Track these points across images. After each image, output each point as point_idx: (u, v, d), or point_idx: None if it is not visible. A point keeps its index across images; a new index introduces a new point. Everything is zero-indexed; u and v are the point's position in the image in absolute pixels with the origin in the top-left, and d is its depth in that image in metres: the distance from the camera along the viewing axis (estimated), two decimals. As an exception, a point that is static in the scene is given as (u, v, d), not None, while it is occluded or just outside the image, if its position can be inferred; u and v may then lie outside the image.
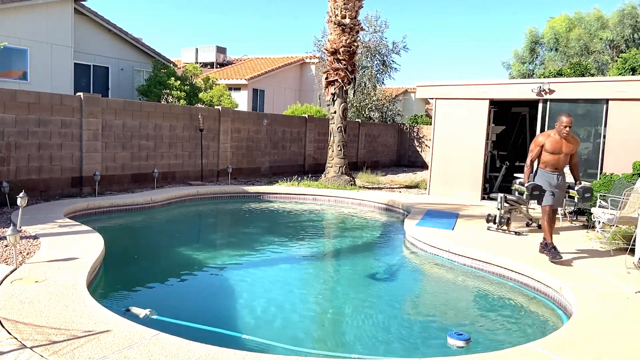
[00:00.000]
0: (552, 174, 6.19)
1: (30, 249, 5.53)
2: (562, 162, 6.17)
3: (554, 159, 6.14)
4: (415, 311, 5.20)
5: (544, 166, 6.26)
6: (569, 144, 6.11)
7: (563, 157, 6.15)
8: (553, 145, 6.10)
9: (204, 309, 4.94)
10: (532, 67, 28.62)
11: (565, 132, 6.03)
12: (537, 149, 6.21)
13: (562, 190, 6.28)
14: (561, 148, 6.10)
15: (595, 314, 4.32)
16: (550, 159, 6.16)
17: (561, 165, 6.19)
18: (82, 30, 17.00)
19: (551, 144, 6.11)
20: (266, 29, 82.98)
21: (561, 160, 6.15)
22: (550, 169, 6.19)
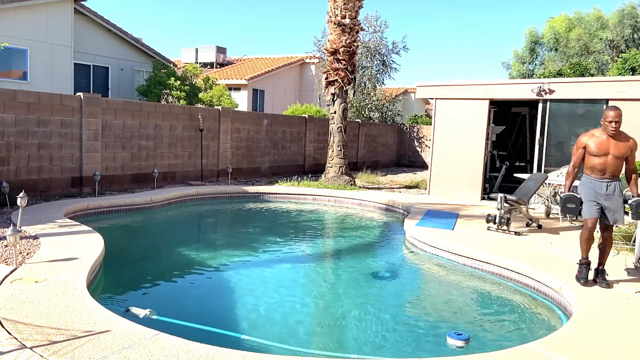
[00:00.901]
0: (599, 181, 5.16)
1: (30, 249, 5.52)
2: (612, 167, 5.13)
3: (601, 162, 5.14)
4: (415, 311, 5.20)
5: (589, 172, 5.27)
6: (619, 143, 5.11)
7: (612, 160, 5.12)
8: (598, 146, 5.15)
9: (203, 309, 4.94)
10: (532, 67, 28.64)
11: (611, 128, 5.08)
12: (579, 152, 5.28)
13: (616, 200, 5.13)
14: (608, 149, 5.13)
15: (595, 314, 4.32)
16: (596, 163, 5.17)
17: (612, 170, 5.15)
18: (82, 30, 17.00)
19: (595, 144, 5.16)
20: (266, 29, 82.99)
21: (610, 163, 5.12)
22: (597, 175, 5.18)
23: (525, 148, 14.02)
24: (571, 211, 5.20)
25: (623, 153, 5.12)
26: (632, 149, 5.12)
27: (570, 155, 10.55)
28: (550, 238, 7.43)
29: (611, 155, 5.13)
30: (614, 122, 5.09)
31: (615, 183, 5.18)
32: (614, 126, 5.10)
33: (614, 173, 5.16)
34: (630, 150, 5.12)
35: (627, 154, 5.13)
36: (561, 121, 10.65)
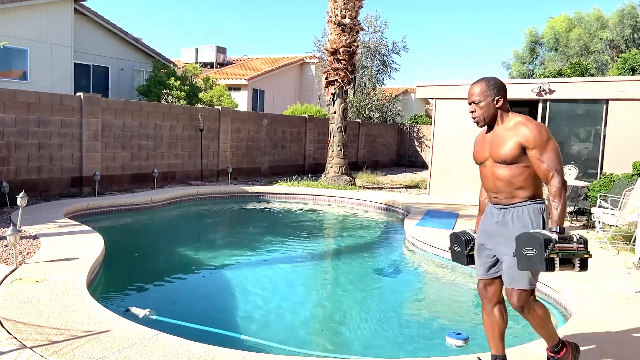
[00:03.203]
0: (492, 208, 3.10)
1: (30, 249, 5.52)
2: (492, 182, 3.03)
3: (483, 176, 3.17)
4: (414, 311, 5.20)
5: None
6: (498, 137, 3.00)
7: (491, 171, 3.03)
8: (476, 149, 3.31)
9: (203, 309, 4.93)
10: (532, 67, 28.63)
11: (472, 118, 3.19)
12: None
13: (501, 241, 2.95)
14: (485, 151, 3.13)
15: (595, 314, 4.32)
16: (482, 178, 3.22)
17: (496, 188, 3.00)
18: (82, 30, 17.00)
19: (475, 146, 3.35)
20: (266, 29, 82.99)
21: (490, 176, 3.05)
22: (490, 197, 3.13)
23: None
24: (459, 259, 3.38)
25: (507, 155, 2.89)
26: (523, 144, 2.85)
27: (570, 155, 10.59)
28: (550, 238, 7.42)
29: (490, 162, 3.06)
30: (471, 103, 3.10)
31: (511, 211, 2.94)
32: (471, 113, 3.16)
33: (504, 192, 2.96)
34: (520, 148, 2.86)
35: (518, 156, 2.87)
36: (561, 121, 10.65)
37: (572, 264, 2.74)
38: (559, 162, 2.85)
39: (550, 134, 2.89)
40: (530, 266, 2.72)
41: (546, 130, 2.88)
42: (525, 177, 2.90)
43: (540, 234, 2.71)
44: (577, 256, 2.74)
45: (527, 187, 2.91)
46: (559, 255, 2.69)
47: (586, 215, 8.72)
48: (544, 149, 2.82)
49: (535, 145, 2.83)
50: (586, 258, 2.76)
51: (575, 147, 10.72)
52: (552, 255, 2.68)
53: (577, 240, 2.73)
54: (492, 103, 2.99)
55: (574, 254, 2.73)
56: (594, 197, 8.07)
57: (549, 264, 2.68)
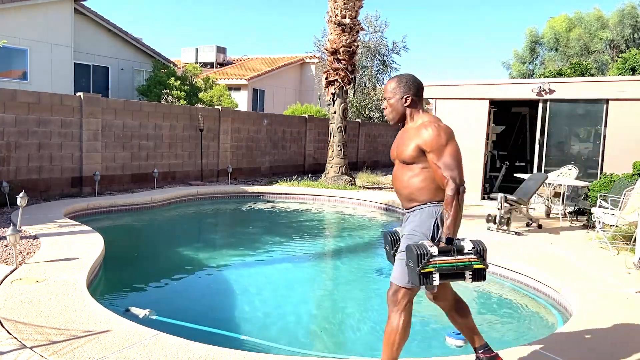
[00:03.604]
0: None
1: (30, 249, 5.52)
2: (396, 182, 2.97)
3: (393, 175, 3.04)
4: (414, 311, 5.18)
5: None
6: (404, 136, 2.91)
7: (397, 170, 2.97)
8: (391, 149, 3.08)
9: (203, 309, 4.93)
10: (532, 67, 28.64)
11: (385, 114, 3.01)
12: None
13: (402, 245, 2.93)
14: (394, 152, 3.02)
15: (595, 314, 4.31)
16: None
17: (398, 188, 2.97)
18: (82, 30, 17.00)
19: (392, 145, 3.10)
20: (266, 29, 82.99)
21: (395, 177, 2.98)
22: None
23: (525, 148, 14.02)
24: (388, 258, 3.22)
25: (406, 156, 2.83)
26: (421, 147, 2.77)
27: (570, 155, 10.60)
28: (550, 238, 7.43)
29: (397, 161, 2.97)
30: (384, 100, 2.99)
31: (409, 214, 2.93)
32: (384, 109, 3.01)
33: (404, 194, 2.92)
34: (418, 150, 2.78)
35: (416, 157, 2.79)
36: (561, 121, 10.65)
37: (462, 275, 2.59)
38: (456, 167, 2.71)
39: (452, 137, 2.77)
40: (411, 278, 2.65)
41: (447, 134, 2.76)
42: (423, 179, 2.81)
43: (418, 247, 2.57)
44: (466, 268, 2.57)
45: (427, 190, 2.80)
46: (437, 269, 2.55)
47: (586, 215, 8.73)
48: (441, 154, 2.72)
49: (432, 149, 2.74)
50: (480, 269, 2.57)
51: (575, 147, 10.72)
52: (427, 270, 2.54)
53: (471, 251, 2.58)
54: (401, 101, 2.91)
55: (455, 266, 2.56)
56: (594, 197, 8.08)
57: (423, 279, 2.55)
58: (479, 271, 2.58)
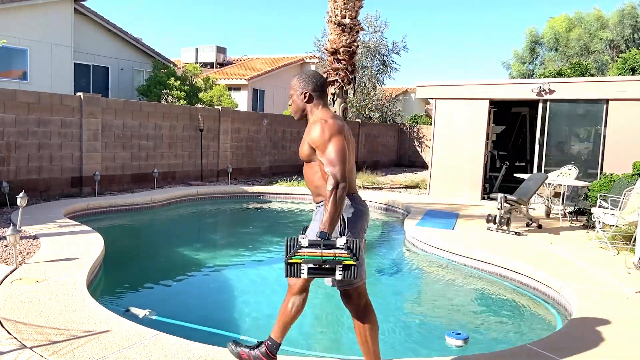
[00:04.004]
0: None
1: (30, 249, 5.52)
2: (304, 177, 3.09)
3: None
4: (414, 311, 5.20)
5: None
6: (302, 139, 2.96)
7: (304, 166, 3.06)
8: None
9: (203, 309, 4.93)
10: (532, 67, 28.65)
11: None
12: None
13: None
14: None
15: (595, 314, 4.31)
16: None
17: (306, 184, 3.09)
18: (82, 30, 17.00)
19: None
20: (266, 29, 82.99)
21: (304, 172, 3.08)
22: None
23: (525, 148, 14.02)
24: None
25: (303, 154, 2.94)
26: (310, 143, 2.84)
27: (570, 155, 10.60)
28: (550, 238, 7.43)
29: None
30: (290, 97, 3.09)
31: (317, 210, 3.03)
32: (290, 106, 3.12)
33: (311, 190, 3.02)
34: (310, 147, 2.86)
35: (310, 154, 2.88)
36: (561, 121, 10.65)
37: (334, 271, 2.55)
38: (338, 163, 2.65)
39: (337, 133, 2.74)
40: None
41: (331, 130, 2.74)
42: (321, 175, 2.82)
43: (290, 239, 2.58)
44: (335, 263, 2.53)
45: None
46: (304, 260, 2.54)
47: (586, 215, 8.73)
48: (324, 150, 2.73)
49: (317, 145, 2.76)
50: (350, 265, 2.52)
51: (575, 147, 10.72)
52: (295, 261, 2.54)
53: (342, 247, 2.54)
54: (300, 97, 2.96)
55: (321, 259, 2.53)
56: (594, 197, 8.08)
57: (290, 269, 2.57)
58: (350, 267, 2.54)
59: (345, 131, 2.82)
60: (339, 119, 2.89)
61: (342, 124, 2.84)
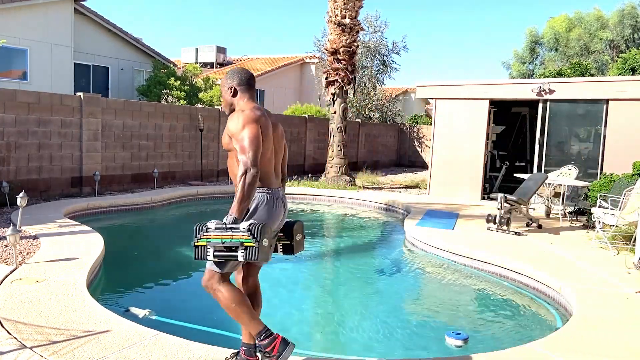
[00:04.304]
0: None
1: (30, 249, 5.52)
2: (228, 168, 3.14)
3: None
4: (414, 311, 5.20)
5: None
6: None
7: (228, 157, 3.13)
8: None
9: (203, 310, 4.93)
10: (532, 67, 28.65)
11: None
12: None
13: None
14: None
15: (595, 314, 4.32)
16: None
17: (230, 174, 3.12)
18: (82, 30, 17.00)
19: None
20: (266, 29, 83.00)
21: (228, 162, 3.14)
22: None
23: (525, 148, 14.02)
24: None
25: (224, 143, 3.02)
26: (228, 133, 2.93)
27: (570, 155, 10.60)
28: (550, 238, 7.43)
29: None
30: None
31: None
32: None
33: (232, 177, 3.06)
34: (228, 137, 2.94)
35: (229, 143, 2.95)
36: (561, 121, 10.65)
37: (235, 252, 2.64)
38: (249, 150, 2.73)
39: (251, 122, 2.81)
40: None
41: (245, 119, 2.82)
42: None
43: (201, 223, 2.71)
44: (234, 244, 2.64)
45: None
46: (208, 243, 2.65)
47: (586, 215, 8.73)
48: (237, 138, 2.81)
49: (232, 134, 2.85)
50: (252, 247, 2.61)
51: (575, 147, 10.72)
52: (200, 244, 2.64)
53: (244, 229, 2.63)
54: (228, 92, 3.07)
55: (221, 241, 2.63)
56: (594, 197, 8.08)
57: (197, 251, 2.68)
58: (251, 249, 2.63)
59: (263, 122, 2.88)
60: (259, 110, 2.95)
61: (259, 115, 2.89)
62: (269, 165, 2.95)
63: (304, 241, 3.23)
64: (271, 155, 2.96)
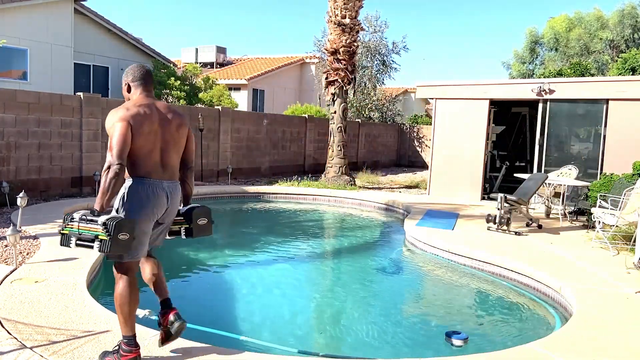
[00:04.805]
0: None
1: (30, 249, 5.52)
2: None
3: None
4: (414, 311, 5.20)
5: None
6: None
7: None
8: None
9: (203, 310, 4.93)
10: (532, 67, 28.65)
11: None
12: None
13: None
14: None
15: (595, 314, 4.32)
16: None
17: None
18: (82, 30, 16.99)
19: None
20: (266, 29, 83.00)
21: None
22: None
23: (525, 148, 14.02)
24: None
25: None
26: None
27: (570, 155, 10.59)
28: (550, 238, 7.43)
29: None
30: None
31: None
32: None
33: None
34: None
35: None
36: (561, 121, 10.65)
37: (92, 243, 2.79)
38: (115, 147, 2.91)
39: (120, 120, 2.93)
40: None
41: (114, 117, 2.96)
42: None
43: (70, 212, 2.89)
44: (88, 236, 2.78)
45: (128, 167, 3.04)
46: (69, 232, 2.82)
47: (586, 215, 8.73)
48: (108, 134, 3.01)
49: (107, 130, 3.04)
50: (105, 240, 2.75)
51: (575, 147, 10.72)
52: (65, 232, 2.82)
53: (101, 223, 2.76)
54: (124, 89, 3.24)
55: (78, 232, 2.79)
56: (594, 197, 8.08)
57: (62, 239, 2.85)
58: (105, 242, 2.77)
59: (138, 118, 2.98)
60: (141, 106, 3.05)
61: (134, 113, 2.98)
62: (148, 158, 3.03)
63: (210, 226, 3.36)
64: (153, 148, 3.04)
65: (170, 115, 3.15)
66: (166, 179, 3.10)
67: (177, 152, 3.19)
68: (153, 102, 3.13)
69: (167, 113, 3.15)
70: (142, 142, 2.99)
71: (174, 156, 3.16)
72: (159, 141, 3.07)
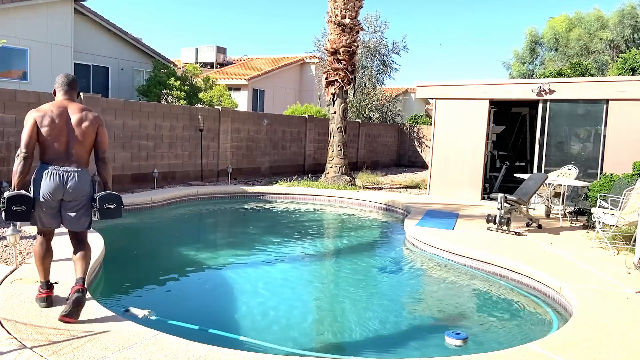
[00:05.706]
0: None
1: (30, 249, 5.52)
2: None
3: None
4: (414, 311, 5.20)
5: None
6: None
7: None
8: None
9: (203, 310, 4.93)
10: (532, 67, 28.64)
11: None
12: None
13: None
14: None
15: (595, 314, 4.32)
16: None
17: None
18: (82, 30, 17.00)
19: None
20: (266, 29, 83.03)
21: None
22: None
23: (525, 148, 14.02)
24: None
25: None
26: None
27: (570, 155, 10.59)
28: (550, 238, 7.44)
29: None
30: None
31: None
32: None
33: None
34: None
35: None
36: (561, 121, 10.65)
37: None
38: (23, 138, 3.61)
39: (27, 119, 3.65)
40: None
41: (28, 115, 3.67)
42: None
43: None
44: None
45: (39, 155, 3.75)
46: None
47: (586, 215, 8.73)
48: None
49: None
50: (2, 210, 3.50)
51: (575, 147, 10.72)
52: None
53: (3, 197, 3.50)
54: (53, 92, 3.92)
55: None
56: (594, 197, 8.08)
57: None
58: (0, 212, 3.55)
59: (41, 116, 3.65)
60: (50, 105, 3.73)
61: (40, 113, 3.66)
62: (51, 148, 3.68)
63: (119, 210, 3.88)
64: (57, 140, 3.68)
65: (79, 115, 3.76)
66: (68, 166, 3.72)
67: (82, 144, 3.77)
68: (68, 104, 3.79)
69: (77, 113, 3.77)
70: (47, 136, 3.65)
71: (79, 148, 3.76)
72: (64, 135, 3.70)
